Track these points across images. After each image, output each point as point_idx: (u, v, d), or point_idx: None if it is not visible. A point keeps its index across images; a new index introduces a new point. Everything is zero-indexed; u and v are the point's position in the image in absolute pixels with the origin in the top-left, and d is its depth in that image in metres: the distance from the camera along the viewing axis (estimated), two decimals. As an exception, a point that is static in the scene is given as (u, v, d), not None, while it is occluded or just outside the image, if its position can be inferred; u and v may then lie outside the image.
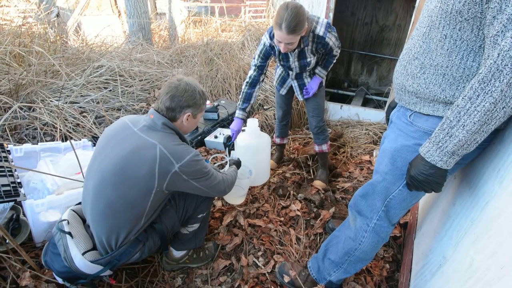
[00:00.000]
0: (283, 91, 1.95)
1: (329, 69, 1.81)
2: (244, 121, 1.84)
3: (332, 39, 1.60)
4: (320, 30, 1.55)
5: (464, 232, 0.84)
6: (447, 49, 0.77)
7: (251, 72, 1.77)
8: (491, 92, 0.65)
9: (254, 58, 1.74)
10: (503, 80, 0.63)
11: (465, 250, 0.80)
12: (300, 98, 1.90)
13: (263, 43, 1.67)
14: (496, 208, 0.72)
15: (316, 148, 2.05)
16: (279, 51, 1.65)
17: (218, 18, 5.55)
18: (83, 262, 1.04)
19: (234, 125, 1.79)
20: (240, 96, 1.80)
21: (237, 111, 1.80)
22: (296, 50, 1.61)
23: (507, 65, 0.62)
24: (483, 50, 0.72)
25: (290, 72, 1.82)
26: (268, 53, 1.70)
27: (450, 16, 0.74)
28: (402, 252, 1.52)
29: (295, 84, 1.87)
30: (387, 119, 1.17)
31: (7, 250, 1.20)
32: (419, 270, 1.14)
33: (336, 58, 1.77)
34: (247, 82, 1.77)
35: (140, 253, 1.16)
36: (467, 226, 0.84)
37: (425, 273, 1.05)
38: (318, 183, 2.02)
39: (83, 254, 1.06)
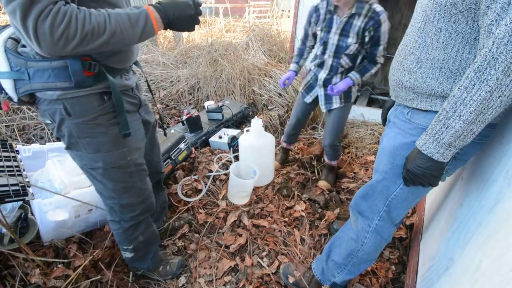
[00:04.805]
0: (308, 99, 1.90)
1: (364, 76, 1.69)
2: (297, 73, 1.92)
3: (386, 24, 1.55)
4: (377, 7, 1.54)
5: (472, 234, 0.83)
6: (443, 42, 0.77)
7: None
8: (486, 81, 0.64)
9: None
10: (498, 68, 0.62)
11: (472, 252, 0.79)
12: (323, 108, 1.85)
13: (312, 5, 1.71)
14: (504, 210, 0.71)
15: (326, 159, 2.05)
16: (325, 17, 1.65)
17: (222, 18, 5.56)
18: (9, 43, 0.78)
19: (287, 75, 1.88)
20: (295, 53, 1.93)
21: (292, 65, 1.91)
22: (345, 18, 1.57)
23: (502, 52, 0.61)
24: (479, 42, 0.72)
25: (320, 70, 1.78)
26: (310, 14, 1.73)
27: (444, 9, 0.74)
28: (408, 253, 1.50)
29: (321, 92, 1.83)
30: (383, 120, 1.16)
31: (18, 248, 1.22)
32: (426, 272, 1.12)
33: (377, 68, 1.68)
34: (299, 41, 1.90)
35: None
36: (474, 228, 0.83)
37: (431, 275, 1.04)
38: (322, 184, 2.01)
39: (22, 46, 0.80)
